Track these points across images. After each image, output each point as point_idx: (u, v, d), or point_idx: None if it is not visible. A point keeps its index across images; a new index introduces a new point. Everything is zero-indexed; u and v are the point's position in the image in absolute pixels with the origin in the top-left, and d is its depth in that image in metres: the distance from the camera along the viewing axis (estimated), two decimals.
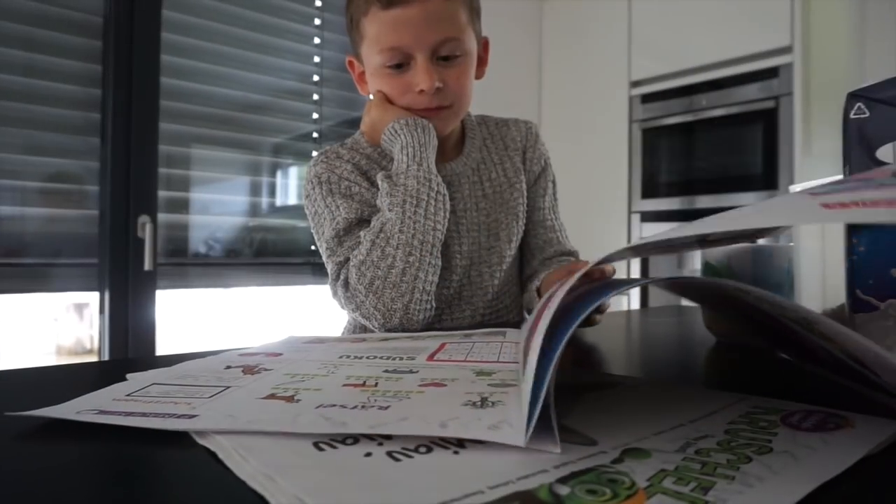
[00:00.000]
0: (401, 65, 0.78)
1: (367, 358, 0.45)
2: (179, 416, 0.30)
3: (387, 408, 0.31)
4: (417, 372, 0.40)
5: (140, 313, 1.73)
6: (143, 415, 0.31)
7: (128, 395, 0.35)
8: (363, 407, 0.31)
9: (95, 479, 0.26)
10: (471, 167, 0.89)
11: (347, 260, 0.78)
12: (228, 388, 0.37)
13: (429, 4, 0.75)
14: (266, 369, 0.42)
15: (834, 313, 0.44)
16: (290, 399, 0.33)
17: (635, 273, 2.41)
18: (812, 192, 0.27)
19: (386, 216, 0.76)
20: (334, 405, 0.31)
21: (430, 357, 0.45)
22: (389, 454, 0.25)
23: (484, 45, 0.87)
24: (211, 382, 0.38)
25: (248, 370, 0.42)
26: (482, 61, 0.87)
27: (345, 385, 0.37)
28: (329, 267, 0.80)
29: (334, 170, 0.82)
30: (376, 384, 0.36)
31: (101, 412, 0.31)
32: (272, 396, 0.34)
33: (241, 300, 2.21)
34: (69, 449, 0.28)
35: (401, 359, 0.45)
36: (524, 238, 0.92)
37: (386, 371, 0.40)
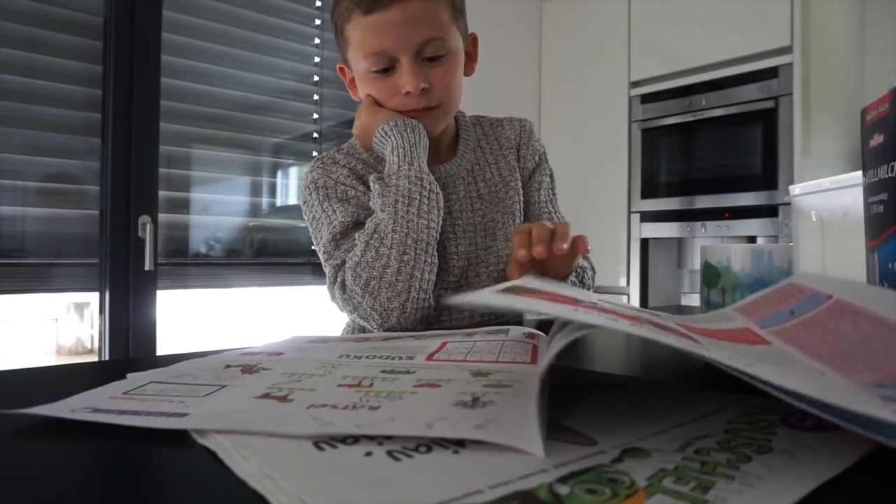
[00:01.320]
0: (387, 69, 0.78)
1: (367, 358, 0.45)
2: (171, 415, 0.30)
3: (377, 408, 0.31)
4: (414, 372, 0.40)
5: (140, 313, 1.73)
6: (136, 413, 0.31)
7: (124, 394, 0.35)
8: (354, 407, 0.31)
9: (95, 478, 0.26)
10: (465, 168, 0.88)
11: (344, 263, 0.78)
12: (224, 386, 0.37)
13: (408, 6, 0.75)
14: (265, 368, 0.42)
15: None
16: (284, 399, 0.33)
17: (634, 278, 2.41)
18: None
19: (379, 217, 0.76)
20: (325, 405, 0.31)
21: (430, 357, 0.45)
22: (389, 454, 0.25)
23: (472, 41, 0.87)
24: (209, 381, 0.38)
25: (247, 369, 0.42)
26: (471, 57, 0.87)
27: (340, 385, 0.36)
28: (327, 270, 0.80)
29: (330, 175, 0.82)
30: (371, 384, 0.36)
31: (95, 410, 0.31)
32: (266, 396, 0.34)
33: (242, 300, 2.21)
34: (69, 448, 0.28)
35: (400, 358, 0.44)
36: None
37: (383, 371, 0.40)
